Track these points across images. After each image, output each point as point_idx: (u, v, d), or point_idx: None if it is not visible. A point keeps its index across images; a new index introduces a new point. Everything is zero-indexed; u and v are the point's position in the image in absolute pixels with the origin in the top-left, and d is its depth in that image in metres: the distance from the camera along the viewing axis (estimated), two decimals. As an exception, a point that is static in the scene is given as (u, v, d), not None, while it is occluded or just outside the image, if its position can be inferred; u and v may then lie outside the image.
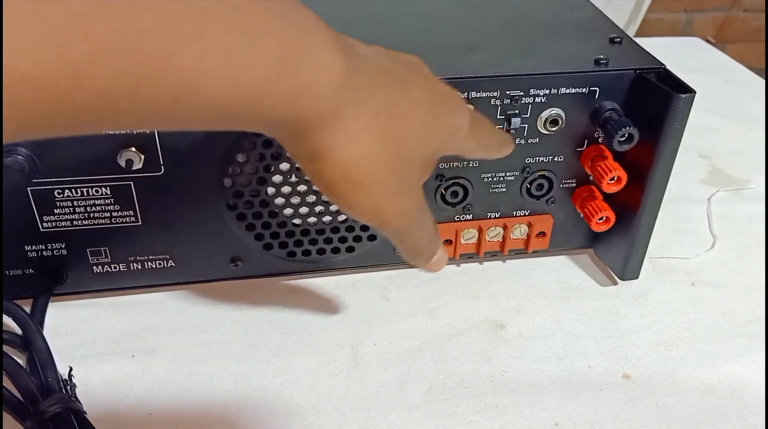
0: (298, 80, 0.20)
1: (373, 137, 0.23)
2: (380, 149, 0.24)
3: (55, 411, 0.32)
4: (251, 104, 0.19)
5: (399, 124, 0.24)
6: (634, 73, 0.38)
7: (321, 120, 0.22)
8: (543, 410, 0.36)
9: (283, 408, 0.36)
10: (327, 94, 0.21)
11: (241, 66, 0.18)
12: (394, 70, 0.25)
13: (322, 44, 0.21)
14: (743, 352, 0.40)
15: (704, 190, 0.56)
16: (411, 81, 0.26)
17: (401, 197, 0.26)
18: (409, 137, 0.25)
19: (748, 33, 1.66)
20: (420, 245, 0.30)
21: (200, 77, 0.18)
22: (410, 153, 0.25)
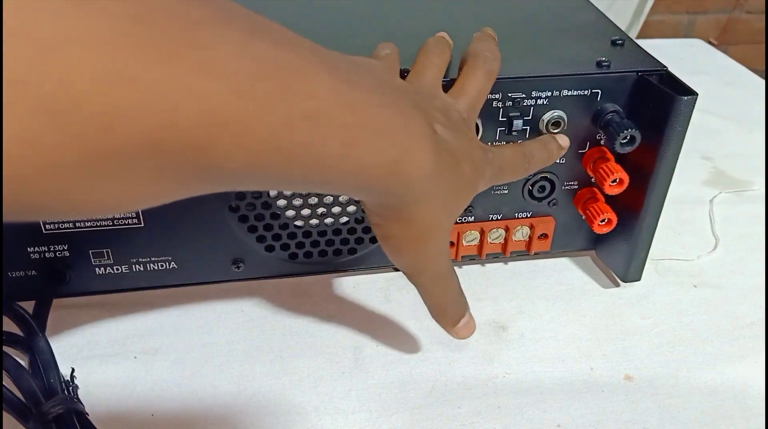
0: (401, 178, 0.25)
1: (439, 213, 0.28)
2: (439, 220, 0.29)
3: (58, 412, 0.32)
4: (361, 189, 0.25)
5: (457, 199, 0.29)
6: (636, 75, 0.38)
7: (408, 200, 0.27)
8: (545, 412, 0.36)
9: (285, 409, 0.36)
10: (416, 188, 0.26)
11: (366, 167, 0.23)
12: (456, 150, 0.29)
13: (423, 148, 0.25)
14: (746, 353, 0.40)
15: (707, 192, 0.56)
16: (463, 157, 0.29)
17: (440, 255, 0.31)
18: (458, 206, 0.30)
19: (751, 35, 1.65)
20: (448, 303, 0.33)
21: (336, 178, 0.23)
22: (453, 217, 0.30)
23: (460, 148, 0.29)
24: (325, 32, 0.43)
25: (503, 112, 0.38)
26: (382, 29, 0.44)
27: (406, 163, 0.25)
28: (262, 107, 0.19)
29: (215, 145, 0.18)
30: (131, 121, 0.16)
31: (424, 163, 0.26)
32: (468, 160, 0.30)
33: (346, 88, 0.22)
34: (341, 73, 0.22)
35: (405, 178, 0.25)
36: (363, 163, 0.23)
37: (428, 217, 0.28)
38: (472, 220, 0.43)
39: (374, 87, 0.24)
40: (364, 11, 0.47)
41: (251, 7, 0.20)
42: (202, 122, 0.17)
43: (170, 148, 0.17)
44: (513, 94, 0.38)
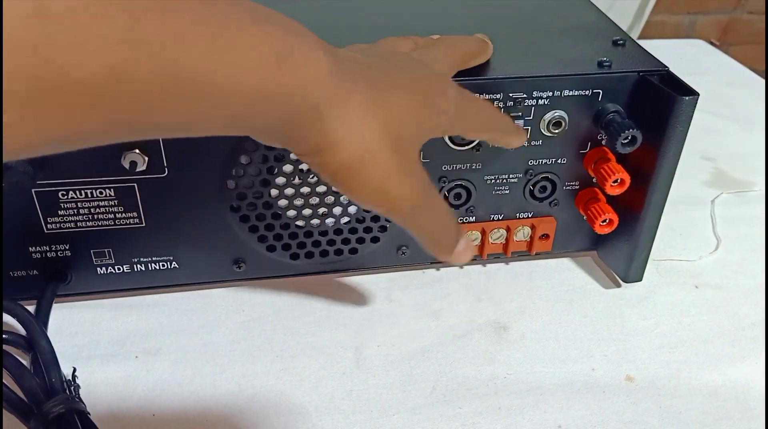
0: (292, 78, 0.22)
1: (364, 124, 0.25)
2: (373, 135, 0.26)
3: (59, 412, 0.32)
4: (251, 104, 0.22)
5: (386, 110, 0.26)
6: (637, 75, 0.38)
7: (315, 114, 0.24)
8: (546, 412, 0.36)
9: (286, 409, 0.36)
10: (317, 88, 0.23)
11: (245, 69, 0.20)
12: (373, 62, 0.27)
13: (308, 45, 0.23)
14: (747, 354, 0.40)
15: (708, 193, 0.56)
16: (392, 69, 0.28)
17: (404, 179, 0.27)
18: (398, 121, 0.27)
19: (752, 35, 1.65)
20: (436, 231, 0.30)
21: (211, 81, 0.20)
22: (402, 135, 0.27)
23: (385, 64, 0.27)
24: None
25: (504, 112, 0.38)
26: (381, 29, 0.44)
27: (290, 60, 0.22)
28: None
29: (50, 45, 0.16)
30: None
31: (316, 60, 0.23)
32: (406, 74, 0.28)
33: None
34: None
35: (296, 78, 0.22)
36: (235, 62, 0.20)
37: (355, 131, 0.25)
38: (474, 220, 0.43)
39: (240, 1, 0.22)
40: (363, 10, 0.47)
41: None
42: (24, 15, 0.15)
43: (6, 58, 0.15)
44: (514, 94, 0.38)
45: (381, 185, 0.27)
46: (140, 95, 0.18)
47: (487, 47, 0.38)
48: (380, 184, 0.26)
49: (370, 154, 0.26)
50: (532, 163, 0.41)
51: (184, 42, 0.19)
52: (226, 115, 0.21)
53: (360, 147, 0.25)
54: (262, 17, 0.22)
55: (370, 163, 0.26)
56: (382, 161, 0.26)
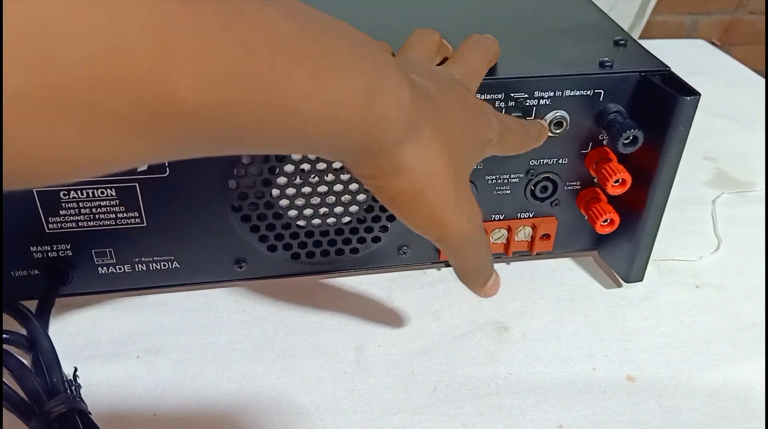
0: (377, 112, 0.23)
1: (429, 154, 0.27)
2: (437, 166, 0.27)
3: (60, 411, 0.32)
4: (339, 135, 0.23)
5: (448, 142, 0.27)
6: (638, 75, 0.38)
7: (389, 143, 0.25)
8: (547, 412, 0.36)
9: (287, 409, 0.36)
10: (398, 123, 0.25)
11: (340, 102, 0.22)
12: (437, 93, 0.28)
13: (395, 80, 0.25)
14: (748, 354, 0.40)
15: (709, 193, 0.56)
16: (453, 104, 0.29)
17: (460, 209, 0.29)
18: (457, 153, 0.28)
19: (753, 35, 1.65)
20: (479, 265, 0.32)
21: (310, 114, 0.21)
22: (460, 166, 0.29)
23: (446, 96, 0.28)
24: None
25: (506, 112, 0.38)
26: (381, 29, 0.44)
27: (379, 95, 0.23)
28: (217, 29, 0.17)
29: (172, 73, 0.16)
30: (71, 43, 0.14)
31: (400, 95, 0.24)
32: (462, 109, 0.29)
33: (301, 17, 0.21)
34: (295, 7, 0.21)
35: (382, 112, 0.24)
36: (334, 96, 0.21)
37: (422, 162, 0.26)
38: (475, 220, 0.43)
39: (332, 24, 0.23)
40: (364, 10, 0.47)
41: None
42: (153, 42, 0.15)
43: (123, 79, 0.15)
44: (515, 94, 0.38)
45: (437, 214, 0.28)
46: (241, 125, 0.19)
47: (496, 45, 0.38)
48: (437, 212, 0.28)
49: (431, 184, 0.27)
50: (533, 163, 0.41)
51: (290, 79, 0.20)
52: (312, 141, 0.22)
53: (423, 176, 0.27)
54: (358, 47, 0.23)
55: (431, 192, 0.27)
56: (443, 191, 0.27)
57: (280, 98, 0.19)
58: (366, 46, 0.24)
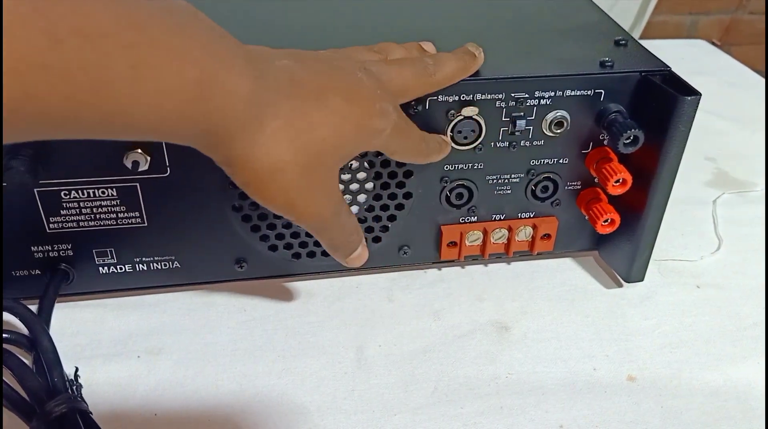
0: (210, 103, 0.23)
1: (278, 145, 0.27)
2: (287, 154, 0.27)
3: (61, 411, 0.32)
4: (172, 124, 0.23)
5: (308, 132, 0.27)
6: (639, 75, 0.38)
7: (229, 134, 0.25)
8: (547, 412, 0.36)
9: (287, 409, 0.36)
10: (234, 114, 0.25)
11: (165, 93, 0.22)
12: (310, 81, 0.28)
13: (233, 70, 0.24)
14: (748, 354, 0.40)
15: (710, 193, 0.56)
16: (330, 90, 0.29)
17: (313, 197, 0.29)
18: (318, 143, 0.28)
19: (754, 35, 1.65)
20: (338, 243, 0.33)
21: (131, 103, 0.21)
22: (320, 157, 0.29)
23: (325, 81, 0.28)
24: (324, 31, 0.43)
25: (506, 112, 0.38)
26: (382, 28, 0.44)
27: (212, 87, 0.23)
28: (19, 20, 0.17)
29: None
30: None
31: (238, 86, 0.24)
32: (344, 95, 0.29)
33: (130, 8, 0.20)
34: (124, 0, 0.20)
35: (215, 104, 0.23)
36: (159, 86, 0.21)
37: (268, 150, 0.26)
38: (476, 220, 0.43)
39: (168, 13, 0.22)
40: (364, 9, 0.47)
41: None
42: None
43: None
44: (516, 94, 0.38)
45: (289, 200, 0.28)
46: (55, 115, 0.19)
47: (472, 64, 0.36)
48: (288, 199, 0.28)
49: (279, 172, 0.27)
50: (533, 163, 0.41)
51: (105, 67, 0.19)
52: (144, 129, 0.22)
53: (269, 165, 0.27)
54: (192, 36, 0.23)
55: (280, 180, 0.27)
56: (291, 179, 0.28)
57: (94, 89, 0.19)
58: (203, 34, 0.23)
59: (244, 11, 0.46)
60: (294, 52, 0.30)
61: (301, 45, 0.30)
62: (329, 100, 0.28)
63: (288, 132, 0.27)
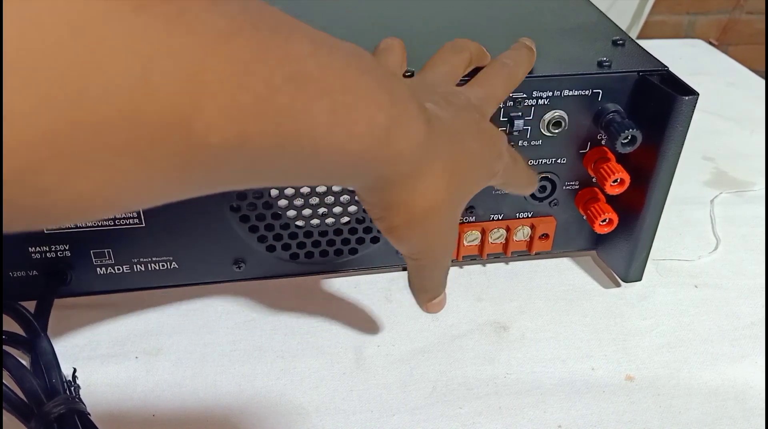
0: (394, 148, 0.24)
1: (437, 191, 0.27)
2: (441, 200, 0.27)
3: (59, 412, 0.32)
4: (355, 166, 0.23)
5: (458, 176, 0.28)
6: (637, 75, 0.38)
7: (399, 178, 0.25)
8: (546, 412, 0.36)
9: (286, 409, 0.36)
10: (410, 160, 0.25)
11: (357, 137, 0.22)
12: (454, 126, 0.28)
13: (412, 116, 0.24)
14: (747, 354, 0.40)
15: (707, 192, 0.56)
16: (468, 134, 0.29)
17: (444, 238, 0.30)
18: (463, 185, 0.29)
19: (751, 35, 1.65)
20: (434, 284, 0.33)
21: (324, 148, 0.21)
22: (464, 198, 0.30)
23: (461, 125, 0.29)
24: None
25: (504, 111, 0.38)
26: (383, 28, 0.44)
27: (396, 131, 0.23)
28: (239, 67, 0.17)
29: (197, 112, 0.16)
30: (101, 82, 0.14)
31: (416, 131, 0.25)
32: (476, 138, 0.29)
33: (326, 52, 0.21)
34: (320, 39, 0.21)
35: (397, 148, 0.24)
36: (353, 131, 0.21)
37: (427, 193, 0.27)
38: (473, 220, 0.43)
39: (355, 56, 0.23)
40: (367, 10, 0.47)
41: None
42: (179, 81, 0.15)
43: (149, 118, 0.15)
44: (514, 93, 0.38)
45: (428, 241, 0.29)
46: (259, 160, 0.19)
47: (533, 58, 0.37)
48: (428, 240, 0.29)
49: (429, 217, 0.27)
50: (531, 163, 0.41)
51: (310, 113, 0.20)
52: (326, 173, 0.23)
53: (423, 211, 0.27)
54: (378, 81, 0.23)
55: (427, 224, 0.28)
56: (437, 223, 0.28)
57: (297, 133, 0.20)
58: (386, 80, 0.24)
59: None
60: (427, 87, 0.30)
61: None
62: (467, 143, 0.29)
63: (446, 177, 0.27)
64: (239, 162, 0.19)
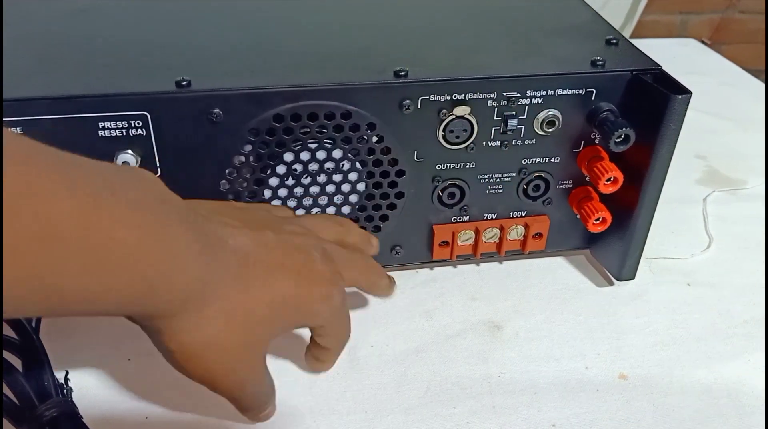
0: (157, 297, 0.25)
1: (215, 323, 0.27)
2: (221, 333, 0.28)
3: (52, 415, 0.32)
4: (119, 310, 0.25)
5: (247, 313, 0.28)
6: (630, 74, 0.38)
7: (167, 316, 0.26)
8: (540, 411, 0.36)
9: (280, 411, 0.36)
10: (177, 301, 0.26)
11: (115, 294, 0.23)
12: (262, 261, 0.29)
13: (186, 263, 0.25)
14: (739, 352, 0.40)
15: (700, 191, 0.56)
16: (278, 270, 0.29)
17: (235, 372, 0.29)
18: (255, 323, 0.29)
19: (744, 34, 1.66)
20: (248, 406, 0.33)
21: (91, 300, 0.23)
22: (254, 335, 0.29)
23: (276, 261, 0.29)
24: (322, 33, 0.43)
25: (498, 111, 0.38)
26: (377, 27, 0.44)
27: (161, 287, 0.24)
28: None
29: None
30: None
31: (186, 276, 0.25)
32: (291, 275, 0.30)
33: (89, 205, 0.21)
34: (87, 187, 0.21)
35: (162, 297, 0.25)
36: (110, 285, 0.22)
37: (201, 333, 0.27)
38: (467, 219, 0.43)
39: (133, 202, 0.23)
40: (364, 8, 0.47)
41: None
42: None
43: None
44: (508, 93, 0.38)
45: (210, 374, 0.29)
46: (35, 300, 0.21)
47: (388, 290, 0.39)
48: (210, 373, 0.29)
49: (208, 349, 0.28)
50: (525, 163, 0.41)
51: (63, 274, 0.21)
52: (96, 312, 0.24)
53: (200, 341, 0.27)
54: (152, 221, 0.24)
55: (206, 356, 0.28)
56: (218, 356, 0.28)
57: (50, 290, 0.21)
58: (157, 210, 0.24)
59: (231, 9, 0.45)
60: (259, 222, 0.31)
61: (296, 45, 0.30)
62: (277, 280, 0.29)
63: (227, 312, 0.27)
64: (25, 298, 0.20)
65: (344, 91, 0.36)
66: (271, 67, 0.38)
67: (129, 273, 0.23)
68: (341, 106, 0.36)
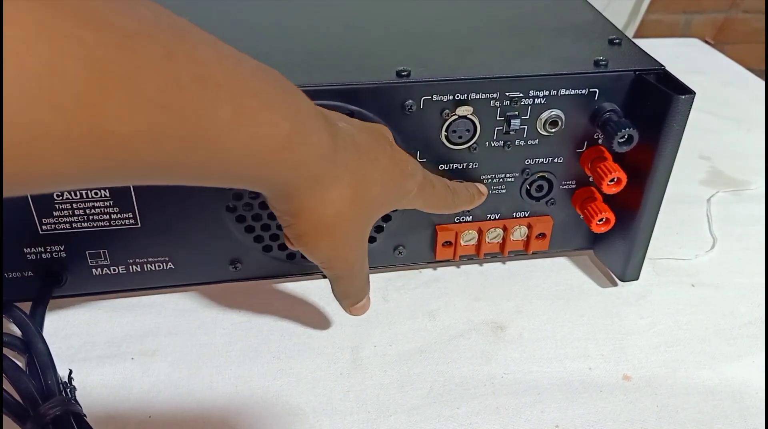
0: (297, 154, 0.26)
1: (342, 202, 0.29)
2: (347, 211, 0.29)
3: (55, 414, 0.32)
4: (259, 170, 0.25)
5: (366, 191, 0.30)
6: (633, 74, 0.38)
7: (304, 185, 0.27)
8: (543, 412, 0.36)
9: (283, 410, 0.36)
10: (313, 167, 0.27)
11: (260, 139, 0.24)
12: (365, 143, 0.31)
13: (316, 127, 0.27)
14: (744, 353, 0.40)
15: (704, 191, 0.56)
16: (379, 152, 0.31)
17: (353, 249, 0.32)
18: (372, 200, 0.31)
19: (747, 34, 1.66)
20: (352, 291, 0.35)
21: (230, 147, 0.23)
22: (371, 213, 0.32)
23: (373, 145, 0.31)
24: (332, 32, 0.43)
25: (501, 111, 0.38)
26: (380, 27, 0.44)
27: (298, 139, 0.25)
28: (144, 62, 0.19)
29: (105, 100, 0.18)
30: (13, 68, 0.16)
31: (319, 142, 0.27)
32: (387, 157, 0.31)
33: (233, 62, 0.23)
34: (228, 51, 0.23)
35: (299, 155, 0.26)
36: (256, 134, 0.23)
37: (333, 203, 0.29)
38: (471, 219, 0.43)
39: (261, 70, 0.25)
40: (364, 9, 0.47)
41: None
42: (87, 68, 0.17)
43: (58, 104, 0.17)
44: (511, 93, 0.38)
45: (336, 251, 0.31)
46: (167, 153, 0.21)
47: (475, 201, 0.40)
48: (336, 250, 0.31)
49: (336, 228, 0.29)
50: (528, 163, 0.41)
51: (215, 112, 0.21)
52: (233, 174, 0.24)
53: (331, 221, 0.29)
54: (284, 93, 0.25)
55: (333, 235, 0.30)
56: (345, 235, 0.30)
57: (203, 130, 0.21)
58: (292, 94, 0.26)
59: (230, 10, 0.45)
60: (341, 115, 0.32)
61: (299, 45, 0.30)
62: (380, 161, 0.31)
63: (352, 189, 0.29)
64: (150, 154, 0.20)
65: (347, 91, 0.36)
66: (274, 67, 0.38)
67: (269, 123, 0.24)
68: (344, 106, 0.36)
